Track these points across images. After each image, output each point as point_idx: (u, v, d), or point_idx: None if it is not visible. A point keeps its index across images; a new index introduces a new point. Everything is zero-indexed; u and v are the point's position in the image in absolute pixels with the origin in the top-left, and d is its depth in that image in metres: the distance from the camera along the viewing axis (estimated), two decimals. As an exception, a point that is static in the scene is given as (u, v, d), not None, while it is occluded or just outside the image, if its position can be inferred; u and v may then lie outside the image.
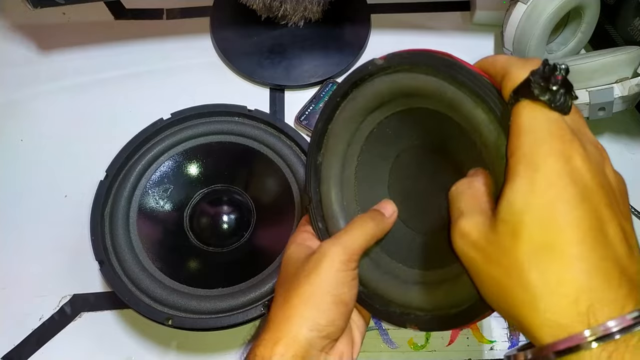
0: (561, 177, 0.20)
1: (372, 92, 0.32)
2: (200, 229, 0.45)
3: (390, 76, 0.32)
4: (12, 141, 0.54)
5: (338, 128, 0.33)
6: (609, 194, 0.22)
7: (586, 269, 0.20)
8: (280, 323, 0.28)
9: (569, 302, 0.19)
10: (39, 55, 0.59)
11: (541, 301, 0.20)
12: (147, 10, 0.62)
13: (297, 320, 0.28)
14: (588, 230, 0.20)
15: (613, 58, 0.47)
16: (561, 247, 0.20)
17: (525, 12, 0.52)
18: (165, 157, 0.45)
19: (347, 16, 0.61)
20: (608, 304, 0.19)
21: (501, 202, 0.22)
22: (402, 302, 0.31)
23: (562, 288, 0.20)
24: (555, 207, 0.20)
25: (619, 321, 0.19)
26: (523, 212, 0.21)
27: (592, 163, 0.21)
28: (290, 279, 0.30)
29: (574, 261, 0.20)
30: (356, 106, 0.32)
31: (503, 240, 0.21)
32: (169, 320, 0.38)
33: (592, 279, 0.20)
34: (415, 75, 0.31)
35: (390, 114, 0.32)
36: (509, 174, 0.22)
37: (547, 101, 0.21)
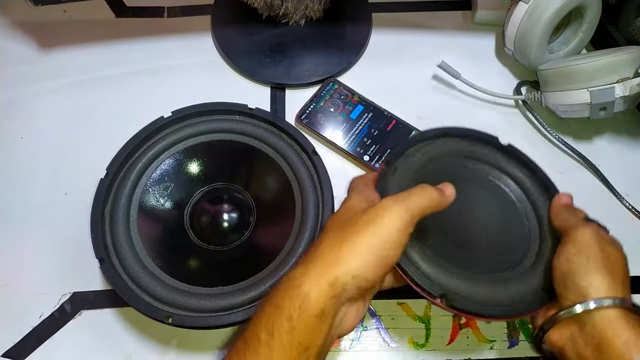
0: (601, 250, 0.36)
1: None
2: (201, 227, 0.45)
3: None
4: (12, 139, 0.54)
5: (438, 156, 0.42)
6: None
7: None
8: (329, 261, 0.30)
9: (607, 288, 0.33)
10: (40, 53, 0.59)
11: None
12: (148, 8, 0.62)
13: (346, 266, 0.30)
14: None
15: (614, 58, 0.47)
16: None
17: (526, 11, 0.52)
18: (165, 156, 0.45)
19: (348, 15, 0.61)
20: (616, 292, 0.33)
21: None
22: (436, 280, 0.35)
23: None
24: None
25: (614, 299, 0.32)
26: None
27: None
28: (347, 223, 0.32)
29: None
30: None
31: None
32: (169, 318, 0.38)
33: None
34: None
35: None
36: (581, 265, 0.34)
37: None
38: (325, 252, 0.30)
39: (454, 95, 0.58)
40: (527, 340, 0.45)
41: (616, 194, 0.52)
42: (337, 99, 0.55)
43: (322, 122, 0.54)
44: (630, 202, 0.52)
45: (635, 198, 0.52)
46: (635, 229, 0.51)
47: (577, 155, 0.54)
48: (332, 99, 0.55)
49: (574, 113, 0.51)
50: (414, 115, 0.55)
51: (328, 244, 0.31)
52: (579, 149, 0.54)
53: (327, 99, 0.55)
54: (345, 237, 0.30)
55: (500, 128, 0.56)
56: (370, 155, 0.52)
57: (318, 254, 0.30)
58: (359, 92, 0.56)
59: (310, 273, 0.29)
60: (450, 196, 0.35)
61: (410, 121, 0.54)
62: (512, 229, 0.41)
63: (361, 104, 0.55)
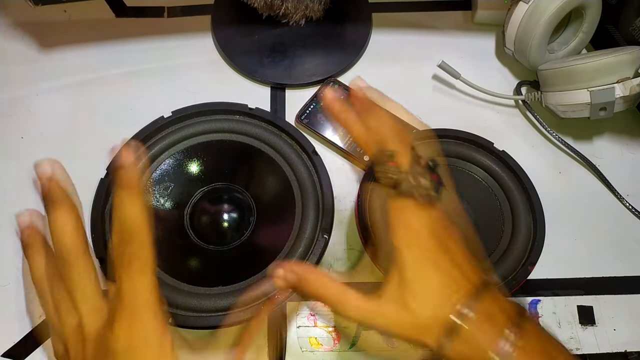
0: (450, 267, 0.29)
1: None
2: (201, 227, 0.45)
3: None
4: (12, 139, 0.54)
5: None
6: (441, 238, 0.29)
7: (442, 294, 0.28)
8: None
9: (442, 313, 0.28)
10: (40, 52, 0.59)
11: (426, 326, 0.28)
12: (148, 8, 0.62)
13: None
14: (436, 271, 0.29)
15: (614, 58, 0.47)
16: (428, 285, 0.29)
17: (527, 11, 0.52)
18: (165, 155, 0.45)
19: (349, 15, 0.61)
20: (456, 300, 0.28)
21: (410, 295, 0.28)
22: None
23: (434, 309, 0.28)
24: (433, 267, 0.29)
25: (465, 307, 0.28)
26: (414, 279, 0.29)
27: (458, 240, 0.30)
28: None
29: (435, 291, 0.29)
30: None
31: (422, 321, 0.29)
32: (168, 318, 0.38)
33: (446, 297, 0.28)
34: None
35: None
36: (411, 271, 0.28)
37: (426, 201, 0.28)
38: None
39: (454, 95, 0.58)
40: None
41: (616, 194, 0.52)
42: (337, 99, 0.55)
43: (322, 122, 0.54)
44: (630, 202, 0.52)
45: (635, 198, 0.52)
46: (635, 229, 0.51)
47: (577, 155, 0.54)
48: (332, 99, 0.55)
49: (574, 113, 0.51)
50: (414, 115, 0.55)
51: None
52: (579, 149, 0.54)
53: (327, 99, 0.55)
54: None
55: (500, 128, 0.56)
56: (370, 155, 0.52)
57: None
58: (359, 92, 0.56)
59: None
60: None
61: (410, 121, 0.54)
62: (489, 213, 0.45)
63: (361, 104, 0.55)
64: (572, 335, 0.46)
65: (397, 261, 0.29)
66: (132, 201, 0.27)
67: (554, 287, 0.48)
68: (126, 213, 0.27)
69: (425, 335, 0.28)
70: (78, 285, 0.27)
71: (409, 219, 0.29)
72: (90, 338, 0.27)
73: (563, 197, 0.52)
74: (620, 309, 0.47)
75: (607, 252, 0.50)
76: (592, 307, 0.47)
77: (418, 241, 0.28)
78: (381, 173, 0.29)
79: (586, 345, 0.45)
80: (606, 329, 0.46)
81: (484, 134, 0.48)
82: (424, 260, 0.28)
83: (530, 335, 0.27)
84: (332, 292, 0.29)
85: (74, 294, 0.27)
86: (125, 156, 0.27)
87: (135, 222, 0.27)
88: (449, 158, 0.47)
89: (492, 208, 0.45)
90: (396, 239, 0.29)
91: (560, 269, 0.49)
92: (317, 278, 0.30)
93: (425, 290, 0.28)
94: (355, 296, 0.29)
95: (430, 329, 0.28)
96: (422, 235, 0.28)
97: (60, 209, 0.28)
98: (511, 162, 0.46)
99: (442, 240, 0.29)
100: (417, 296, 0.28)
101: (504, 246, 0.44)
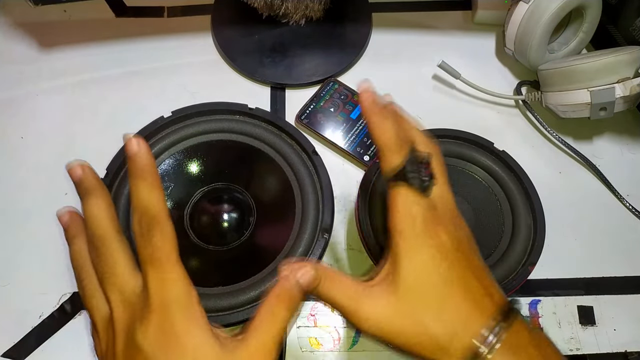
0: (437, 253, 0.28)
1: None
2: (201, 227, 0.45)
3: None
4: (12, 139, 0.54)
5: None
6: (462, 251, 0.29)
7: (464, 309, 0.27)
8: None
9: (463, 332, 0.27)
10: (40, 52, 0.59)
11: (445, 343, 0.27)
12: (148, 8, 0.62)
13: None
14: (459, 283, 0.28)
15: (614, 58, 0.47)
16: (447, 299, 0.27)
17: (527, 11, 0.52)
18: (165, 155, 0.45)
19: (349, 15, 0.61)
20: (481, 322, 0.27)
21: (400, 278, 0.28)
22: None
23: (452, 327, 0.27)
24: (440, 275, 0.28)
25: (491, 333, 0.27)
26: (420, 282, 0.28)
27: (450, 232, 0.29)
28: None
29: (456, 306, 0.27)
30: None
31: (407, 308, 0.28)
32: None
33: (469, 316, 0.27)
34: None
35: None
36: (401, 253, 0.28)
37: (420, 189, 0.28)
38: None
39: (454, 95, 0.58)
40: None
41: (616, 194, 0.52)
42: (337, 99, 0.55)
43: (322, 122, 0.54)
44: (630, 202, 0.52)
45: (635, 198, 0.52)
46: (635, 229, 0.51)
47: (577, 155, 0.54)
48: (332, 99, 0.55)
49: (574, 113, 0.51)
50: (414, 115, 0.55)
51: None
52: (579, 149, 0.54)
53: (327, 99, 0.55)
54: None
55: (500, 128, 0.56)
56: (370, 155, 0.52)
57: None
58: (359, 92, 0.56)
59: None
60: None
61: (410, 121, 0.54)
62: (489, 213, 0.45)
63: (361, 104, 0.55)
64: (572, 336, 0.46)
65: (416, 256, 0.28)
66: (150, 190, 0.26)
67: (554, 287, 0.48)
68: (144, 203, 0.26)
69: (442, 356, 0.27)
70: (110, 273, 0.26)
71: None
72: (120, 330, 0.26)
73: (563, 197, 0.52)
74: (620, 309, 0.47)
75: (607, 252, 0.50)
76: (592, 307, 0.47)
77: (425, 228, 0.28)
78: (414, 174, 0.29)
79: (586, 345, 0.45)
80: (606, 329, 0.46)
81: (484, 134, 0.48)
82: (437, 258, 0.28)
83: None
84: (348, 298, 0.28)
85: (105, 283, 0.26)
86: (138, 143, 0.26)
87: (155, 211, 0.26)
88: (449, 158, 0.47)
89: (492, 208, 0.45)
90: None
91: (560, 269, 0.49)
92: (334, 281, 0.29)
93: (444, 303, 0.27)
94: (370, 306, 0.28)
95: (448, 350, 0.27)
96: (420, 221, 0.29)
97: (95, 197, 0.27)
98: (511, 162, 0.46)
99: (459, 242, 0.29)
100: (433, 309, 0.27)
101: (504, 246, 0.44)
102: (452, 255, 0.28)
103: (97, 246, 0.27)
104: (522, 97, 0.56)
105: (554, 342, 0.29)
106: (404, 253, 0.28)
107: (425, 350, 0.27)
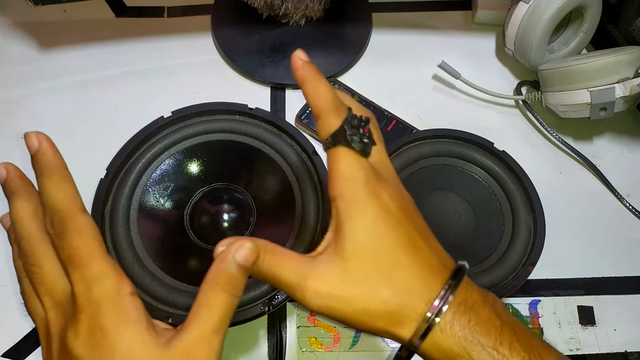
0: (380, 213, 0.26)
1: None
2: (201, 227, 0.45)
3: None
4: (12, 139, 0.54)
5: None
6: (406, 212, 0.28)
7: (416, 274, 0.26)
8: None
9: (416, 299, 0.25)
10: (40, 52, 0.59)
11: (397, 312, 0.26)
12: (148, 8, 0.62)
13: None
14: (407, 245, 0.27)
15: (614, 58, 0.47)
16: (397, 262, 0.26)
17: (527, 11, 0.52)
18: (165, 155, 0.45)
19: (349, 15, 0.61)
20: (434, 289, 0.26)
21: (345, 242, 0.26)
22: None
23: (406, 294, 0.26)
24: (386, 236, 0.26)
25: (440, 298, 0.25)
26: (366, 245, 0.26)
27: (392, 194, 0.27)
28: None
29: (407, 270, 0.26)
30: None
31: (356, 273, 0.26)
32: (169, 318, 0.38)
33: (421, 279, 0.26)
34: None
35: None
36: (343, 216, 0.26)
37: (360, 150, 0.27)
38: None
39: (454, 95, 0.58)
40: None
41: (616, 194, 0.52)
42: (337, 99, 0.55)
43: (322, 122, 0.54)
44: (630, 202, 0.52)
45: (635, 198, 0.52)
46: (635, 229, 0.51)
47: (577, 155, 0.54)
48: (332, 99, 0.55)
49: (574, 113, 0.51)
50: (414, 115, 0.55)
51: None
52: (579, 149, 0.54)
53: (327, 99, 0.55)
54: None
55: (500, 128, 0.56)
56: (370, 155, 0.52)
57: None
58: (359, 92, 0.56)
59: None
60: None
61: (410, 121, 0.54)
62: (489, 213, 0.45)
63: (361, 103, 0.55)
64: (573, 336, 0.46)
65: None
66: (57, 187, 0.24)
67: (554, 287, 0.48)
68: (51, 201, 0.24)
69: (398, 326, 0.26)
70: (38, 276, 0.25)
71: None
72: (54, 335, 0.25)
73: (563, 197, 0.52)
74: (620, 309, 0.47)
75: (607, 252, 0.50)
76: (592, 307, 0.47)
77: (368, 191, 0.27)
78: (354, 135, 0.27)
79: (586, 345, 0.45)
80: (606, 329, 0.46)
81: (484, 134, 0.48)
82: (385, 220, 0.26)
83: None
84: (293, 273, 0.26)
85: (36, 286, 0.26)
86: (38, 139, 0.25)
87: (63, 207, 0.24)
88: (449, 158, 0.47)
89: (492, 208, 0.45)
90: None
91: (560, 269, 0.49)
92: (276, 254, 0.26)
93: (394, 267, 0.26)
94: (317, 278, 0.26)
95: (403, 319, 0.25)
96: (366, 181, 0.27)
97: (20, 198, 0.26)
98: (511, 162, 0.46)
99: (402, 203, 0.27)
100: (383, 272, 0.26)
101: (504, 246, 0.44)
102: (397, 215, 0.27)
103: (24, 249, 0.26)
104: (522, 97, 0.56)
105: (503, 302, 0.28)
106: (347, 216, 0.26)
107: (377, 321, 0.26)
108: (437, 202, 0.46)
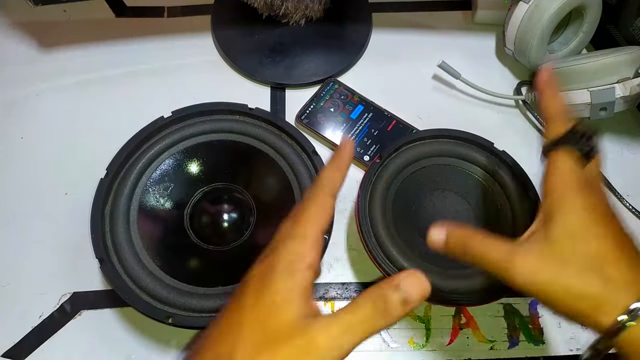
0: (590, 207, 0.29)
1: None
2: (201, 227, 0.45)
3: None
4: (12, 139, 0.54)
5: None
6: (613, 216, 0.31)
7: (626, 266, 0.28)
8: None
9: (624, 290, 0.27)
10: (40, 52, 0.59)
11: (603, 298, 0.27)
12: (148, 8, 0.62)
13: None
14: (616, 240, 0.29)
15: (614, 58, 0.47)
16: (607, 254, 0.28)
17: (527, 11, 0.52)
18: (165, 155, 0.45)
19: (349, 15, 0.61)
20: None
21: (556, 228, 0.29)
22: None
23: (614, 283, 0.27)
24: (596, 227, 0.29)
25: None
26: (577, 232, 0.29)
27: (602, 199, 0.31)
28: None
29: (618, 262, 0.28)
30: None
31: (564, 254, 0.28)
32: (169, 318, 0.38)
33: (632, 273, 0.27)
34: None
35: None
36: (555, 207, 0.30)
37: (582, 154, 0.31)
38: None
39: (454, 95, 0.58)
40: (527, 340, 0.45)
41: (616, 194, 0.52)
42: (337, 99, 0.55)
43: (322, 122, 0.54)
44: (630, 202, 0.52)
45: (635, 198, 0.52)
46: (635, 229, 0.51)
47: (577, 155, 0.54)
48: (332, 99, 0.55)
49: (574, 113, 0.51)
50: (414, 115, 0.55)
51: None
52: (579, 149, 0.54)
53: (327, 99, 0.55)
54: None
55: (500, 128, 0.56)
56: (370, 155, 0.52)
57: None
58: (359, 92, 0.56)
59: None
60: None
61: (410, 121, 0.54)
62: (489, 213, 0.46)
63: (361, 104, 0.55)
64: (572, 336, 0.46)
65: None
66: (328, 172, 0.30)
67: (554, 287, 0.48)
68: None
69: (600, 313, 0.27)
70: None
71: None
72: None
73: (563, 197, 0.52)
74: (620, 309, 0.47)
75: (607, 252, 0.50)
76: (592, 307, 0.47)
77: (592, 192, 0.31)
78: (579, 141, 0.31)
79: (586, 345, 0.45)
80: (606, 329, 0.46)
81: (484, 134, 0.48)
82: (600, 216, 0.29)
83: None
84: (500, 254, 0.30)
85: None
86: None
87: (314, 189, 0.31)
88: (449, 158, 0.47)
89: (492, 208, 0.45)
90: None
91: (560, 269, 0.49)
92: (482, 239, 0.31)
93: (608, 261, 0.28)
94: (523, 260, 0.29)
95: (607, 307, 0.26)
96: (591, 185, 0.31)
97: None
98: (511, 162, 0.46)
99: (610, 210, 0.31)
100: (591, 260, 0.28)
101: None
102: (606, 214, 0.30)
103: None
104: (522, 97, 0.56)
105: None
106: (557, 209, 0.29)
107: (581, 302, 0.27)
108: (437, 202, 0.46)
